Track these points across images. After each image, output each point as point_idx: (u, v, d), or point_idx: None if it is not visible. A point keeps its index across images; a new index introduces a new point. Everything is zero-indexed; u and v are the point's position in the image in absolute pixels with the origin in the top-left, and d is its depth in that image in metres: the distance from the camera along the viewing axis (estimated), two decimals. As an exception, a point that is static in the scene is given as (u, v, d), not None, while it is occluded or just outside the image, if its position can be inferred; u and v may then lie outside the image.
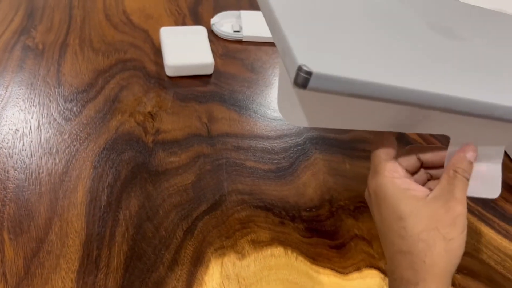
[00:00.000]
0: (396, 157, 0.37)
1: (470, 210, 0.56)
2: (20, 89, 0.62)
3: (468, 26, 0.45)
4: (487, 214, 0.56)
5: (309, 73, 0.26)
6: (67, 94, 0.62)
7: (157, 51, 0.71)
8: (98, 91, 0.63)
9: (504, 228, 0.55)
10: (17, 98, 0.61)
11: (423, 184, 0.39)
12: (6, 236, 0.47)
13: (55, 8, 0.77)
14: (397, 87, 0.29)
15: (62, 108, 0.60)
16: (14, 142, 0.56)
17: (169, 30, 0.71)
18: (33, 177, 0.52)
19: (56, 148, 0.56)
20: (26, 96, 0.61)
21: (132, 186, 0.53)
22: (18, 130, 0.57)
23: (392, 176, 0.35)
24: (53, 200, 0.50)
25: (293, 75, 0.27)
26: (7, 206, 0.49)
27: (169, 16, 0.78)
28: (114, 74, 0.66)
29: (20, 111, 0.59)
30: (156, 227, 0.50)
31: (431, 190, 0.36)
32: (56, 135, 0.57)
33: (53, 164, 0.54)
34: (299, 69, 0.26)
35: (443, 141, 0.64)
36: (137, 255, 0.47)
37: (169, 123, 0.61)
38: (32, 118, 0.59)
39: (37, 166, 0.53)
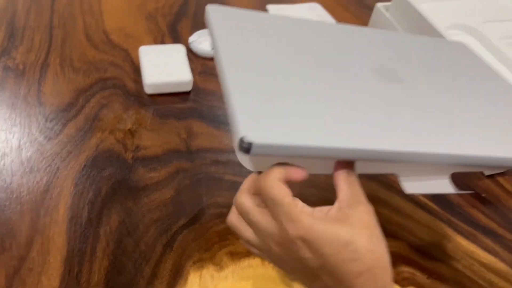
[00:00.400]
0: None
1: (438, 216, 0.58)
2: (1, 109, 0.63)
3: (410, 64, 0.48)
4: (455, 220, 0.58)
5: (250, 144, 0.29)
6: (48, 113, 0.64)
7: (137, 70, 0.72)
8: (78, 110, 0.65)
9: (471, 233, 0.57)
10: (-2, 118, 0.62)
11: None
12: (-13, 255, 0.48)
13: (36, 28, 0.78)
14: (331, 148, 0.32)
15: (43, 127, 0.62)
16: (-5, 161, 0.57)
17: (148, 49, 0.72)
18: (14, 196, 0.53)
19: (37, 167, 0.57)
20: (7, 115, 0.63)
21: (113, 202, 0.54)
22: (-1, 150, 0.58)
23: (309, 213, 0.33)
24: (35, 218, 0.51)
25: (236, 144, 0.30)
26: (-11, 225, 0.50)
27: (148, 35, 0.80)
28: (94, 93, 0.68)
29: (1, 130, 0.61)
30: (136, 241, 0.51)
31: None
32: (37, 154, 0.58)
33: (34, 182, 0.55)
34: (241, 140, 0.29)
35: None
36: (118, 269, 0.48)
37: (149, 139, 0.62)
38: (13, 137, 0.60)
39: (18, 185, 0.55)
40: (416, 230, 0.57)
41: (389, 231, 0.56)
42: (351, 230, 0.32)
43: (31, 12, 0.82)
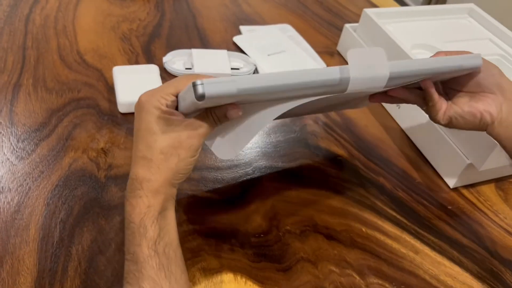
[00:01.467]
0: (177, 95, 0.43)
1: (406, 229, 0.60)
2: (-29, 130, 0.63)
3: None
4: (423, 232, 0.60)
5: (202, 83, 0.37)
6: (20, 133, 0.64)
7: (111, 89, 0.73)
8: (51, 130, 0.65)
9: (438, 245, 0.59)
10: (-32, 139, 0.62)
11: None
12: (-45, 277, 0.47)
13: (9, 49, 0.78)
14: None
15: (15, 147, 0.61)
16: (-35, 182, 0.56)
17: (122, 69, 0.73)
18: (-16, 217, 0.53)
19: (8, 187, 0.57)
20: (-22, 136, 0.62)
21: (85, 221, 0.54)
22: (-31, 171, 0.58)
23: (159, 98, 0.41)
24: (5, 239, 0.51)
25: (193, 93, 0.37)
26: (-43, 247, 0.49)
27: (122, 55, 0.81)
28: (67, 113, 0.68)
29: (-29, 151, 0.60)
30: (109, 260, 0.51)
31: None
32: (8, 174, 0.58)
33: (5, 203, 0.55)
34: (194, 84, 0.37)
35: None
36: (90, 288, 0.48)
37: (122, 158, 0.63)
38: (-16, 158, 0.60)
39: (-11, 206, 0.54)
40: (384, 242, 0.58)
41: (359, 243, 0.58)
42: (165, 130, 0.40)
43: (4, 33, 0.82)
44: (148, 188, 0.40)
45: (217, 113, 0.42)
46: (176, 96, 0.42)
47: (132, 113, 0.70)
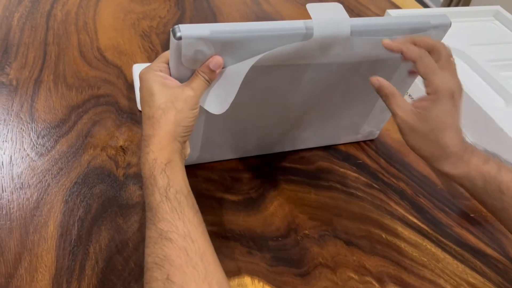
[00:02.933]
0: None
1: (428, 236, 0.59)
2: (-7, 125, 0.63)
3: None
4: (444, 240, 0.59)
5: (178, 27, 0.42)
6: (40, 129, 0.64)
7: (130, 87, 0.73)
8: (71, 126, 0.65)
9: (460, 253, 0.58)
10: (-11, 134, 0.62)
11: None
12: (-25, 272, 0.47)
13: (30, 45, 0.79)
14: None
15: (35, 143, 0.62)
16: (-15, 177, 0.56)
17: (142, 67, 0.73)
18: (4, 212, 0.53)
19: (28, 183, 0.57)
20: (-1, 131, 0.63)
21: (103, 220, 0.54)
22: (-11, 166, 0.58)
23: (155, 69, 0.46)
24: (24, 235, 0.51)
25: (173, 39, 0.42)
26: (-23, 242, 0.50)
27: (142, 53, 0.81)
28: (87, 110, 0.68)
29: (-8, 146, 0.61)
30: (126, 259, 0.51)
31: None
32: (28, 170, 0.58)
33: (24, 199, 0.55)
34: (172, 29, 0.42)
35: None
36: (107, 288, 0.48)
37: (141, 156, 0.62)
38: (4, 153, 0.60)
39: (8, 201, 0.54)
40: (405, 249, 0.57)
41: (378, 250, 0.57)
42: (161, 90, 0.44)
43: (26, 28, 0.82)
44: (153, 143, 0.43)
45: (203, 69, 0.46)
46: (168, 65, 0.47)
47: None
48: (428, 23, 0.52)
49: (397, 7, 1.13)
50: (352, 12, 1.08)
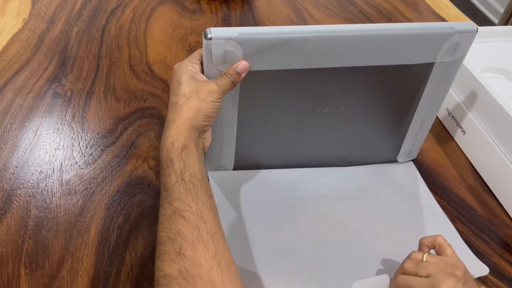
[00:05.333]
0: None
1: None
2: (47, 133, 0.68)
3: None
4: (480, 270, 0.57)
5: (209, 30, 0.47)
6: (89, 139, 0.68)
7: (174, 100, 0.76)
8: (117, 137, 0.69)
9: (497, 285, 0.56)
10: (44, 142, 0.67)
11: None
12: (22, 271, 0.51)
13: (85, 58, 0.84)
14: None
15: (83, 152, 0.66)
16: (38, 182, 0.61)
17: (186, 82, 0.76)
18: (52, 216, 0.57)
19: (75, 189, 0.61)
20: (52, 140, 0.67)
21: (140, 228, 0.57)
22: (42, 172, 0.63)
23: (187, 64, 0.50)
24: (68, 239, 0.55)
25: (204, 40, 0.48)
26: (26, 243, 0.54)
27: (187, 67, 0.84)
28: (133, 121, 0.72)
29: (45, 153, 0.65)
30: (159, 268, 0.53)
31: None
32: (75, 178, 0.62)
33: (71, 204, 0.59)
34: (204, 32, 0.48)
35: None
36: (139, 294, 0.51)
37: (179, 169, 0.65)
38: (55, 160, 0.65)
39: (56, 206, 0.59)
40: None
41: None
42: (189, 81, 0.48)
43: (82, 42, 0.88)
44: (173, 128, 0.46)
45: (229, 71, 0.49)
46: (201, 63, 0.51)
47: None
48: (452, 28, 0.54)
49: (442, 19, 1.11)
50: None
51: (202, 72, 0.51)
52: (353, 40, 0.51)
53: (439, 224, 0.61)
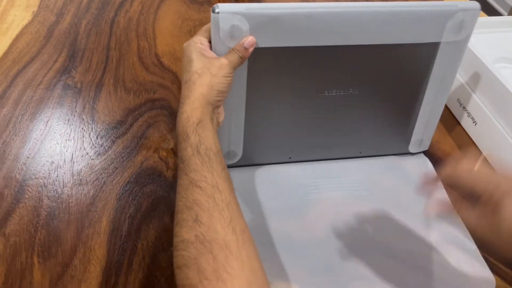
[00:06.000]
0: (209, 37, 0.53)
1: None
2: (58, 124, 0.69)
3: None
4: (505, 270, 0.57)
5: (217, 5, 0.49)
6: (99, 130, 0.68)
7: (183, 92, 0.76)
8: (127, 128, 0.69)
9: (510, 276, 0.55)
10: (55, 133, 0.67)
11: None
12: (35, 260, 0.52)
13: (94, 50, 0.84)
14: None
15: (94, 143, 0.66)
16: (49, 173, 0.61)
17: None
18: (64, 206, 0.58)
19: (86, 180, 0.61)
20: (63, 131, 0.68)
21: (151, 218, 0.57)
22: (53, 162, 0.63)
23: (196, 42, 0.51)
24: (80, 228, 0.55)
25: (212, 13, 0.49)
26: (39, 232, 0.54)
27: (196, 59, 0.84)
28: (143, 113, 0.72)
29: (56, 144, 0.66)
30: (170, 257, 0.53)
31: None
32: (86, 168, 0.63)
33: (82, 194, 0.59)
34: (213, 7, 0.49)
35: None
36: (151, 283, 0.51)
37: (190, 159, 0.65)
38: (66, 151, 0.65)
39: (68, 196, 0.59)
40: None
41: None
42: (199, 57, 0.49)
43: (92, 34, 0.88)
44: (187, 104, 0.47)
45: (237, 47, 0.50)
46: (209, 42, 0.52)
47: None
48: (456, 6, 0.54)
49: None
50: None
51: (211, 49, 0.52)
52: (358, 16, 0.53)
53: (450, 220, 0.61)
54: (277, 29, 0.51)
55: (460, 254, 0.56)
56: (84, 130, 0.68)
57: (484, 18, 0.87)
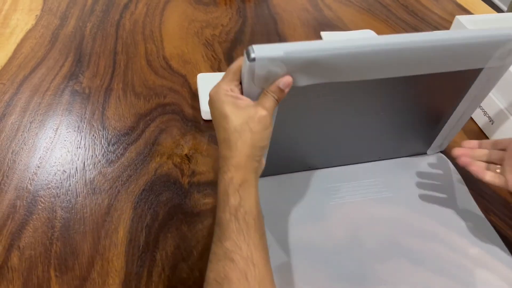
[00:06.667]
0: (239, 81, 0.48)
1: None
2: (68, 132, 0.67)
3: None
4: (518, 263, 0.56)
5: (252, 48, 0.42)
6: (110, 137, 0.67)
7: (194, 95, 0.75)
8: (139, 134, 0.67)
9: (536, 278, 0.54)
10: (65, 141, 0.66)
11: None
12: (52, 273, 0.50)
13: (101, 54, 0.82)
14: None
15: (106, 150, 0.65)
16: (61, 182, 0.60)
17: (206, 76, 0.75)
18: (78, 217, 0.56)
19: (100, 188, 0.60)
20: (73, 138, 0.66)
21: (169, 227, 0.56)
22: (65, 171, 0.61)
23: (226, 90, 0.46)
24: (96, 240, 0.54)
25: (247, 61, 0.43)
26: (54, 245, 0.53)
27: (205, 61, 0.83)
28: (154, 118, 0.70)
29: (67, 152, 0.64)
30: (191, 268, 0.52)
31: None
32: (99, 176, 0.61)
33: (96, 204, 0.58)
34: (247, 50, 0.42)
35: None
36: (173, 295, 0.49)
37: (204, 165, 0.64)
38: (78, 159, 0.63)
39: (82, 206, 0.57)
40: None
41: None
42: (234, 112, 0.44)
43: (97, 38, 0.86)
44: (230, 164, 0.44)
45: (272, 89, 0.46)
46: (239, 81, 0.47)
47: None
48: (507, 35, 0.50)
49: (464, 9, 1.09)
50: (416, 15, 1.04)
51: (241, 91, 0.48)
52: (405, 52, 0.48)
53: (476, 221, 0.60)
54: (316, 69, 0.46)
55: (488, 259, 0.55)
56: (95, 137, 0.67)
57: (496, 15, 0.85)
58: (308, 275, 0.52)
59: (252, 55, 0.42)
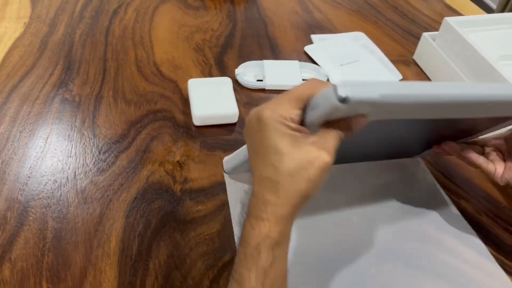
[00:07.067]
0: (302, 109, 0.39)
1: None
2: (58, 141, 0.67)
3: None
4: (510, 263, 0.56)
5: (345, 86, 0.34)
6: (101, 145, 0.66)
7: (185, 101, 0.75)
8: (130, 142, 0.67)
9: (528, 278, 0.55)
10: (55, 150, 0.65)
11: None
12: (44, 285, 0.50)
13: (91, 61, 0.82)
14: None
15: (97, 159, 0.64)
16: (52, 192, 0.60)
17: (197, 82, 0.75)
18: (70, 227, 0.56)
19: (91, 198, 0.59)
20: (64, 147, 0.66)
21: (161, 235, 0.56)
22: (56, 181, 0.61)
23: (285, 117, 0.38)
24: (88, 250, 0.54)
25: (332, 98, 0.34)
26: (46, 256, 0.52)
27: (196, 67, 0.83)
28: (145, 125, 0.70)
29: (58, 161, 0.64)
30: (184, 276, 0.52)
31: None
32: (91, 185, 0.61)
33: (88, 213, 0.57)
34: (335, 87, 0.34)
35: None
36: (166, 304, 0.49)
37: (196, 172, 0.64)
38: (69, 168, 0.63)
39: (74, 216, 0.57)
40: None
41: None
42: (291, 150, 0.37)
43: (87, 45, 0.86)
44: (273, 213, 0.37)
45: (341, 125, 0.38)
46: (301, 109, 0.39)
47: (206, 126, 0.71)
48: None
49: (453, 10, 1.09)
50: (406, 16, 1.05)
51: (302, 122, 0.39)
52: (482, 100, 0.43)
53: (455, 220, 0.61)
54: (391, 109, 0.40)
55: (477, 259, 0.56)
56: (86, 146, 0.66)
57: (484, 16, 0.86)
58: (302, 279, 0.52)
59: (344, 94, 0.34)
